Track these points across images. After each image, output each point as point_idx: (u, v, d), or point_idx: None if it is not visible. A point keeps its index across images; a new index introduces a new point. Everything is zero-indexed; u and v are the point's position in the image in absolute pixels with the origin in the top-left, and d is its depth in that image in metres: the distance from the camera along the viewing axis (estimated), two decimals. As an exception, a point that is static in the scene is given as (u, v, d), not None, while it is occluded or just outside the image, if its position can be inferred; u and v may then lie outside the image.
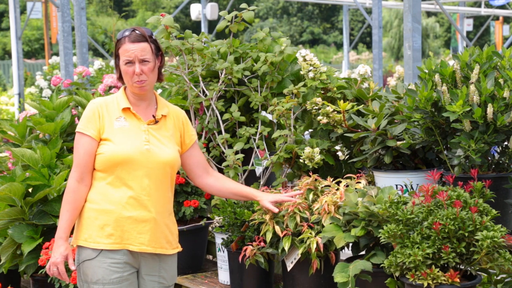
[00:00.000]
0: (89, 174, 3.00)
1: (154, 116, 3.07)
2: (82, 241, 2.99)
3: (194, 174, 3.25)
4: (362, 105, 3.62)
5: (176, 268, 3.16)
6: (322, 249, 3.18)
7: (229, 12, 4.12)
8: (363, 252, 3.07)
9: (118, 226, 2.95)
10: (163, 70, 3.16)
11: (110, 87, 5.45)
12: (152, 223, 3.00)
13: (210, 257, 4.54)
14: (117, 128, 3.00)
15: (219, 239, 3.86)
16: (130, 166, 2.96)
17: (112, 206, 2.96)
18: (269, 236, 3.32)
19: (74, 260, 3.02)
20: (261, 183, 3.94)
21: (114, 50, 3.06)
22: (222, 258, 3.85)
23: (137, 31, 3.01)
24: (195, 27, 27.57)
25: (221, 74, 4.05)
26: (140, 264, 3.03)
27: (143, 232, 2.98)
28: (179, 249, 3.15)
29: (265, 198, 3.29)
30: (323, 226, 3.18)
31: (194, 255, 4.19)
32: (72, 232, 3.05)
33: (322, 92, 3.75)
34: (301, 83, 3.79)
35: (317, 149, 3.55)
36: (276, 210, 3.27)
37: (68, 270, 3.91)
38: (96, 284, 2.95)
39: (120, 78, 3.07)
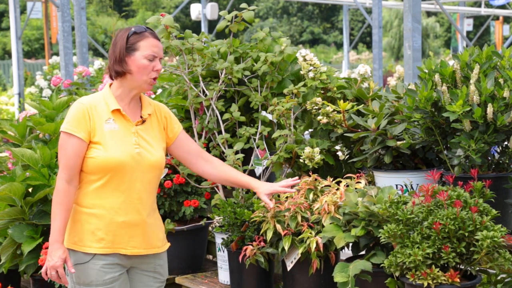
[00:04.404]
0: (77, 175, 2.94)
1: (141, 117, 3.04)
2: (73, 245, 2.95)
3: (189, 162, 3.21)
4: (362, 105, 3.62)
5: (167, 262, 3.16)
6: (322, 249, 3.18)
7: (229, 12, 4.12)
8: (363, 252, 3.07)
9: (109, 231, 2.93)
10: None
11: (110, 87, 5.44)
12: (143, 226, 2.99)
13: (210, 257, 4.54)
14: (107, 132, 2.94)
15: (219, 239, 3.86)
16: (122, 171, 2.92)
17: (103, 211, 2.93)
18: (269, 235, 3.33)
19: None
20: (261, 183, 3.94)
21: (129, 43, 2.94)
22: (222, 258, 3.85)
23: (152, 31, 3.03)
24: (195, 27, 27.56)
25: (221, 74, 4.05)
26: (134, 262, 3.02)
27: (135, 235, 2.97)
28: (168, 243, 3.16)
29: (262, 190, 3.18)
30: (323, 226, 3.18)
31: (194, 255, 4.19)
32: None
33: (322, 92, 3.75)
34: (301, 83, 3.79)
35: (317, 149, 3.55)
36: (271, 205, 3.21)
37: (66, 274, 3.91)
38: (89, 286, 2.93)
39: (122, 73, 2.96)
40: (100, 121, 2.95)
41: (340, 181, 3.36)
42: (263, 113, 4.01)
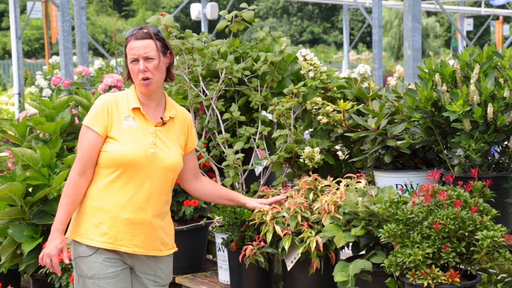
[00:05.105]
0: (91, 168, 3.00)
1: (162, 118, 3.06)
2: (78, 237, 3.00)
3: (184, 178, 3.28)
4: (362, 104, 3.62)
5: (172, 266, 3.18)
6: (322, 249, 3.18)
7: (229, 12, 4.11)
8: (363, 252, 3.07)
9: (113, 226, 2.96)
10: (173, 69, 3.15)
11: (110, 87, 5.45)
12: (147, 226, 3.01)
13: (210, 256, 4.54)
14: (125, 128, 2.99)
15: (219, 238, 3.85)
16: (133, 168, 2.96)
17: (110, 206, 2.97)
18: (269, 237, 3.33)
19: (69, 254, 3.04)
20: (261, 182, 3.94)
21: (125, 50, 3.06)
22: (222, 257, 3.85)
23: (143, 29, 3.02)
24: (195, 26, 27.55)
25: (221, 73, 4.05)
26: (135, 263, 3.04)
27: (138, 235, 2.99)
28: (175, 249, 3.16)
29: (251, 199, 3.39)
30: (323, 226, 3.18)
31: (194, 254, 4.19)
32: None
33: (322, 91, 3.75)
34: (301, 83, 3.79)
35: (317, 149, 3.55)
36: (265, 207, 3.33)
37: (68, 269, 3.91)
38: (91, 279, 2.97)
39: (129, 78, 3.06)
40: (119, 117, 3.00)
41: (340, 181, 3.36)
42: (263, 112, 4.01)
